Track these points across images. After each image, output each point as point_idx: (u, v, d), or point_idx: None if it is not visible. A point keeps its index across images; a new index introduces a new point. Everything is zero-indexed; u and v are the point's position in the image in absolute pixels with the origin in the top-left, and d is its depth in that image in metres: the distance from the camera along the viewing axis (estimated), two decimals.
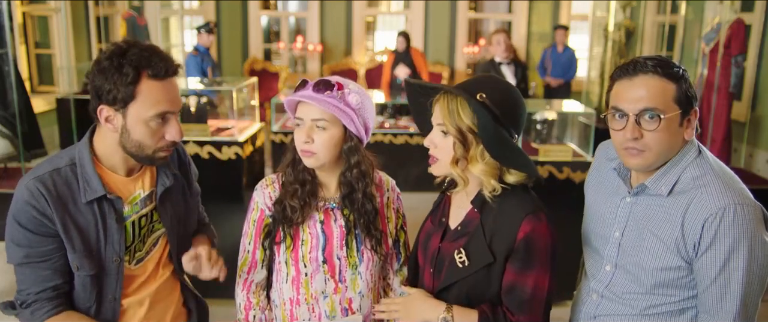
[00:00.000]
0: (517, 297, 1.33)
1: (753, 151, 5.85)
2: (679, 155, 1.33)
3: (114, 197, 1.42)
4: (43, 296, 1.40)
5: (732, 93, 4.76)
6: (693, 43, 5.64)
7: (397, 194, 1.66)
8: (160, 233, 1.57)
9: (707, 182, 1.28)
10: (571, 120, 4.75)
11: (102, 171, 1.44)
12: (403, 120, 5.93)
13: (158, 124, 1.38)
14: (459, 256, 1.38)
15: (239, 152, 4.09)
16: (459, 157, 1.34)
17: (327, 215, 1.54)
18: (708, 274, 1.27)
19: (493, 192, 1.35)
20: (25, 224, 1.36)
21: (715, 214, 1.23)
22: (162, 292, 1.59)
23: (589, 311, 1.48)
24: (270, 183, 1.59)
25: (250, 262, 1.58)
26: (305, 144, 1.45)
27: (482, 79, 1.39)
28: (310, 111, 1.45)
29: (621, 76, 1.31)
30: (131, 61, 1.31)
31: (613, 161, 1.48)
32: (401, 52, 6.87)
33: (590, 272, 1.50)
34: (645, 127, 1.27)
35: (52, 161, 1.42)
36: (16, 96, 3.93)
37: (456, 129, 1.33)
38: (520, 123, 1.38)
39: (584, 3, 8.57)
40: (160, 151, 1.41)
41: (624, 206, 1.41)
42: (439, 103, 1.36)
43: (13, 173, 4.16)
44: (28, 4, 6.85)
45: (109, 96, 1.33)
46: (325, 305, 1.54)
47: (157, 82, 1.35)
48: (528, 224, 1.31)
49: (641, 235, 1.36)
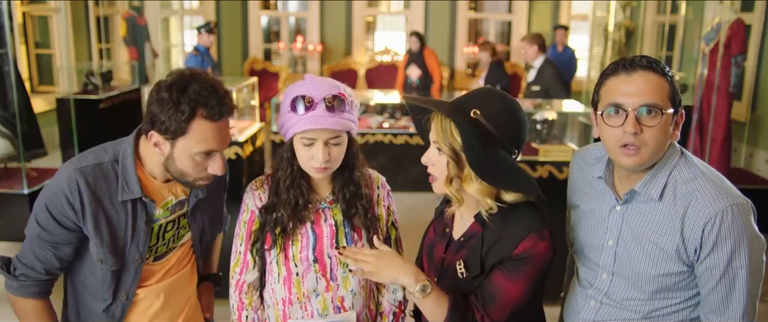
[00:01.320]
0: (489, 297, 1.31)
1: (753, 151, 5.85)
2: (665, 158, 1.32)
3: (148, 200, 1.47)
4: (33, 273, 1.47)
5: (732, 93, 4.76)
6: (693, 43, 5.64)
7: (387, 191, 1.66)
8: (186, 238, 1.62)
9: (701, 185, 1.28)
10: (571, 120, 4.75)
11: (141, 173, 1.47)
12: (403, 120, 5.93)
13: (203, 158, 1.41)
14: (460, 267, 1.37)
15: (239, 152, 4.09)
16: (453, 177, 1.31)
17: (317, 214, 1.54)
18: (712, 275, 1.27)
19: (489, 211, 1.32)
20: (52, 209, 1.41)
21: (715, 217, 1.23)
22: (180, 284, 1.64)
23: (587, 317, 1.46)
24: (260, 185, 1.59)
25: (241, 263, 1.58)
26: (326, 163, 1.44)
27: (480, 93, 1.35)
28: (325, 133, 1.42)
29: (617, 72, 1.29)
30: (190, 99, 1.33)
31: (595, 166, 1.45)
32: (415, 52, 6.84)
33: (586, 280, 1.49)
34: (645, 122, 1.25)
35: (97, 154, 1.46)
36: (16, 96, 3.93)
37: (449, 148, 1.29)
38: (520, 139, 1.32)
39: (584, 3, 8.58)
40: (200, 180, 1.46)
41: (615, 214, 1.39)
42: (434, 121, 1.33)
43: (13, 173, 4.16)
44: (28, 4, 6.86)
45: (162, 126, 1.36)
46: (317, 304, 1.54)
47: (209, 123, 1.37)
48: (530, 241, 1.28)
49: (639, 243, 1.34)
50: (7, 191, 3.86)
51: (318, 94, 1.41)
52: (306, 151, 1.45)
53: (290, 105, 1.43)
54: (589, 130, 4.18)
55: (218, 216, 1.72)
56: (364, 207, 1.55)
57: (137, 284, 1.52)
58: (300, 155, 1.47)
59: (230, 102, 1.41)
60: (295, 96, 1.42)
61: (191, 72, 1.39)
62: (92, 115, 5.81)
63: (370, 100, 6.19)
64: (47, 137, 5.18)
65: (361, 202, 1.55)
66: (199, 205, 1.60)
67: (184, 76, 1.37)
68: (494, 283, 1.31)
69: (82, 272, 1.51)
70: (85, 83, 6.32)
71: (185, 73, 1.38)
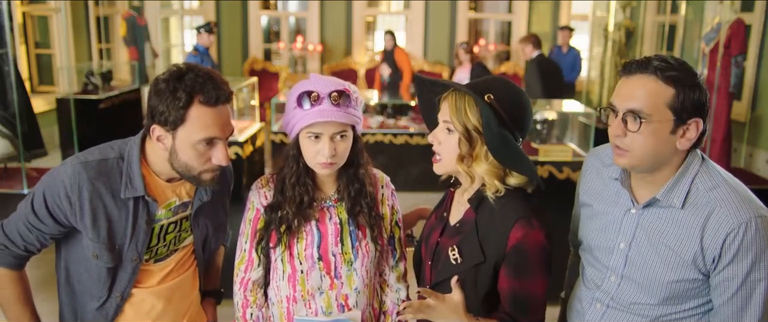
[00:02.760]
0: (521, 304, 1.35)
1: (753, 151, 5.85)
2: (685, 165, 1.30)
3: (151, 199, 1.47)
4: (12, 246, 1.49)
5: (732, 93, 4.76)
6: (693, 43, 5.64)
7: (391, 190, 1.67)
8: (187, 242, 1.61)
9: (724, 194, 1.26)
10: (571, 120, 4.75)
11: (146, 172, 1.48)
12: (403, 120, 5.93)
13: (205, 148, 1.41)
14: (452, 253, 1.40)
15: (239, 152, 4.10)
16: (464, 155, 1.35)
17: (322, 212, 1.55)
18: (729, 287, 1.25)
19: (496, 193, 1.36)
20: (48, 197, 1.43)
21: (738, 228, 1.21)
22: (182, 289, 1.63)
23: (592, 320, 1.45)
24: (265, 183, 1.60)
25: (246, 261, 1.59)
26: (332, 157, 1.45)
27: (492, 80, 1.39)
28: (331, 126, 1.44)
29: (622, 72, 1.30)
30: (186, 86, 1.35)
31: (611, 167, 1.44)
32: (388, 51, 6.97)
33: (592, 281, 1.47)
34: (628, 127, 1.25)
35: (103, 151, 1.48)
36: (16, 96, 3.93)
37: (462, 127, 1.33)
38: (526, 127, 1.38)
39: (584, 3, 8.58)
40: (205, 173, 1.45)
41: (629, 217, 1.38)
42: (447, 100, 1.37)
43: (13, 173, 4.17)
44: (28, 4, 6.86)
45: (161, 117, 1.37)
46: (321, 302, 1.54)
47: (207, 108, 1.38)
48: (519, 230, 1.31)
49: (655, 248, 1.33)
50: (7, 191, 3.86)
51: (324, 90, 1.43)
52: (312, 147, 1.46)
53: (296, 101, 1.44)
54: (590, 130, 4.18)
55: (222, 222, 1.71)
56: (368, 205, 1.56)
57: (134, 284, 1.52)
58: (306, 151, 1.48)
59: (227, 88, 1.41)
60: (301, 92, 1.44)
61: (187, 65, 1.40)
62: (92, 115, 5.81)
63: (370, 101, 6.19)
64: (47, 137, 5.18)
65: (366, 200, 1.56)
66: (203, 208, 1.59)
67: (179, 69, 1.38)
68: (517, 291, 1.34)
69: (77, 270, 1.51)
70: (85, 83, 6.32)
71: (181, 67, 1.39)
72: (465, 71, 6.36)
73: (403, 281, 1.68)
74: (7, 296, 1.53)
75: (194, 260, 1.66)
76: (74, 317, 1.56)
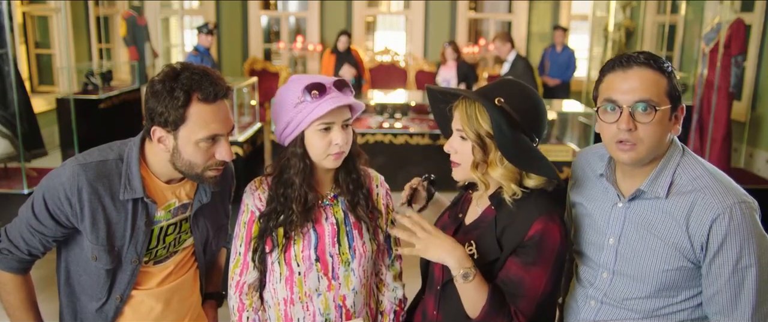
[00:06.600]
0: (514, 287, 1.33)
1: (753, 151, 5.85)
2: (668, 155, 1.33)
3: (150, 201, 1.46)
4: (16, 251, 1.49)
5: (732, 93, 4.76)
6: (693, 43, 5.64)
7: (386, 189, 1.67)
8: (188, 244, 1.61)
9: (707, 182, 1.28)
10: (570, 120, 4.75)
11: (145, 173, 1.47)
12: (403, 120, 5.93)
13: (208, 145, 1.41)
14: (469, 248, 1.39)
15: (239, 152, 4.10)
16: (479, 162, 1.36)
17: (318, 213, 1.55)
18: (721, 274, 1.26)
19: (513, 197, 1.36)
20: (48, 200, 1.42)
21: (723, 213, 1.23)
22: (182, 291, 1.62)
23: (587, 317, 1.46)
24: (259, 185, 1.59)
25: (241, 264, 1.58)
26: (345, 145, 1.47)
27: (502, 83, 1.39)
28: (342, 113, 1.46)
29: (613, 68, 1.30)
30: (182, 85, 1.34)
31: (597, 164, 1.46)
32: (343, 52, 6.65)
33: (585, 280, 1.49)
34: (639, 119, 1.27)
35: (102, 152, 1.47)
36: (16, 96, 3.93)
37: (475, 134, 1.34)
38: (541, 127, 1.38)
39: (584, 3, 8.58)
40: (209, 169, 1.45)
41: (617, 211, 1.40)
42: (458, 108, 1.38)
43: (13, 173, 4.16)
44: (28, 4, 6.86)
45: (161, 118, 1.37)
46: (319, 303, 1.54)
47: (206, 105, 1.37)
48: (540, 223, 1.32)
49: (643, 239, 1.34)
50: (7, 191, 3.86)
51: (325, 81, 1.45)
52: (322, 139, 1.46)
53: (300, 97, 1.44)
54: (590, 130, 4.18)
55: (223, 224, 1.70)
56: (365, 197, 1.57)
57: (133, 286, 1.51)
58: (315, 146, 1.47)
59: (224, 83, 1.41)
60: (303, 87, 1.43)
61: (181, 64, 1.40)
62: (92, 115, 5.81)
63: (370, 101, 6.19)
64: (47, 137, 5.18)
65: (363, 190, 1.57)
66: (203, 210, 1.58)
67: (174, 68, 1.38)
68: (513, 275, 1.33)
69: (77, 271, 1.51)
70: (85, 83, 6.32)
71: (175, 66, 1.39)
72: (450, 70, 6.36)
73: (399, 279, 1.69)
74: (11, 301, 1.52)
75: (195, 262, 1.66)
76: (74, 318, 1.55)
